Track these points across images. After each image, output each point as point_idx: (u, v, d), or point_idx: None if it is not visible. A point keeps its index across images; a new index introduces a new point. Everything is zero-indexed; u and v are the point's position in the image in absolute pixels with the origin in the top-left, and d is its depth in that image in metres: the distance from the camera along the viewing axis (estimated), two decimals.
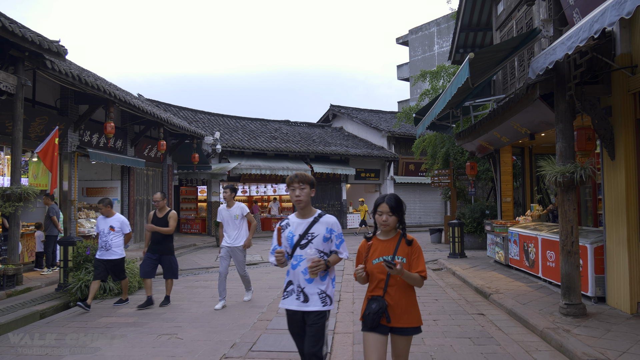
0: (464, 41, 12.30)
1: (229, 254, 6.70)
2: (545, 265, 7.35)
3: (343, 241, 3.14)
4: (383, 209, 2.88)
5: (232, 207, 6.69)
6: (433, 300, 6.95)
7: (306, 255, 2.98)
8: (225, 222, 6.72)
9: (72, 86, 10.15)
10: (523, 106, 6.43)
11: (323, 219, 3.13)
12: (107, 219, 6.90)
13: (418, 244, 2.92)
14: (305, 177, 3.09)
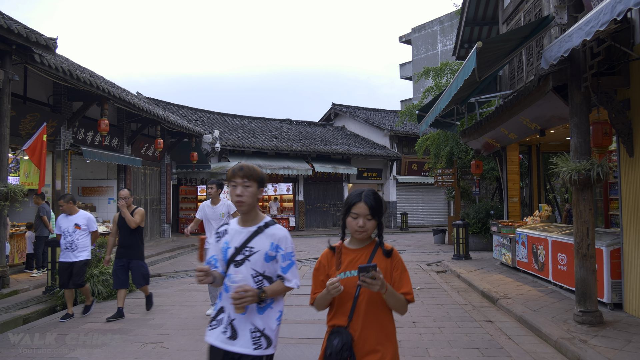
0: (469, 36, 11.92)
1: None
2: (556, 269, 6.96)
3: (293, 264, 2.31)
4: (360, 211, 2.11)
5: (217, 204, 6.08)
6: (437, 306, 6.57)
7: (234, 278, 2.21)
8: (207, 221, 6.04)
9: (63, 82, 9.82)
10: (534, 99, 6.05)
11: (269, 230, 2.31)
12: (69, 216, 6.20)
13: (400, 256, 2.20)
14: (251, 172, 2.34)
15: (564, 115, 5.86)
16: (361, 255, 2.16)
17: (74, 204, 6.28)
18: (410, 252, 13.65)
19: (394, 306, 2.09)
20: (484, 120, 8.39)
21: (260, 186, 2.35)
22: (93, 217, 6.44)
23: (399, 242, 16.88)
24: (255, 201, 2.34)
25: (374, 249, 2.18)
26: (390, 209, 24.04)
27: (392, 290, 2.04)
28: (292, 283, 2.31)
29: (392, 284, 2.09)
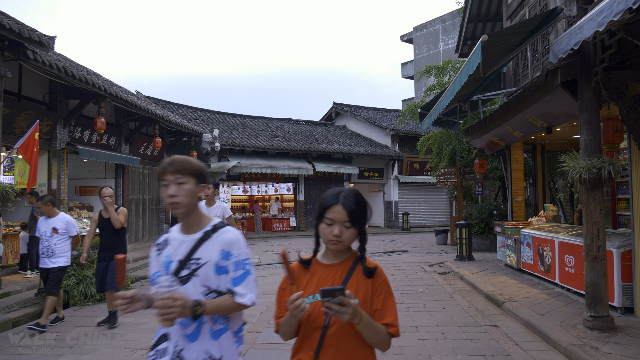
0: (472, 33, 11.69)
1: None
2: (563, 271, 6.74)
3: (248, 273, 1.88)
4: (336, 216, 1.68)
5: (212, 206, 5.64)
6: (441, 309, 6.36)
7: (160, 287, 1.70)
8: None
9: (58, 79, 9.64)
10: (541, 95, 5.83)
11: (218, 234, 1.89)
12: (49, 219, 5.77)
13: (385, 277, 1.74)
14: (185, 165, 1.86)
15: (573, 111, 5.64)
16: (336, 273, 1.73)
17: (53, 206, 5.85)
18: (412, 253, 13.43)
19: (371, 341, 1.64)
20: (488, 117, 8.17)
21: (200, 181, 1.91)
22: (73, 221, 5.97)
23: (400, 243, 16.67)
24: (195, 200, 1.90)
25: (353, 266, 1.74)
26: (392, 209, 23.82)
27: (369, 321, 1.60)
28: (245, 299, 1.82)
29: (372, 312, 1.67)
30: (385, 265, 10.78)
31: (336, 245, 1.70)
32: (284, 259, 1.76)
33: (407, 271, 9.80)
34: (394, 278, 8.92)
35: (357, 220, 1.69)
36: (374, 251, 13.92)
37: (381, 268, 1.76)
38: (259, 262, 11.60)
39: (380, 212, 24.48)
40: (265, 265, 11.14)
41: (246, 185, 23.72)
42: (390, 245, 15.62)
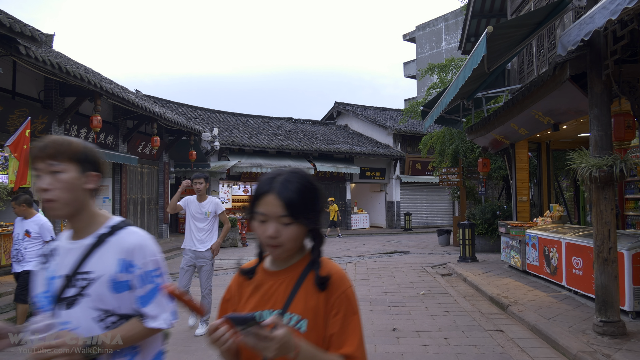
0: (476, 29, 11.45)
1: (192, 263, 5.33)
2: (571, 273, 6.50)
3: (157, 288, 1.45)
4: (269, 209, 1.25)
5: (204, 201, 5.38)
6: (443, 313, 6.12)
7: (35, 328, 1.30)
8: (191, 219, 5.32)
9: (53, 76, 9.44)
10: (548, 90, 5.60)
11: (116, 238, 1.45)
12: (24, 221, 5.31)
13: (347, 288, 1.29)
14: (61, 148, 1.40)
15: (582, 107, 5.41)
16: (281, 284, 1.29)
17: (29, 206, 5.33)
18: (414, 254, 13.20)
19: None
20: (493, 115, 7.93)
21: (85, 168, 1.43)
22: (49, 225, 5.39)
23: (402, 243, 16.43)
24: (81, 195, 1.42)
25: (303, 274, 1.29)
26: (394, 209, 23.57)
27: (313, 355, 1.15)
28: (158, 322, 1.43)
29: (327, 338, 1.24)
30: (386, 266, 10.56)
31: (274, 250, 1.25)
32: (177, 297, 1.32)
33: (409, 272, 9.57)
34: (396, 280, 8.69)
35: (300, 214, 1.23)
36: (375, 252, 13.70)
37: (341, 275, 1.29)
38: None
39: (382, 213, 24.24)
40: None
41: (247, 185, 23.50)
42: (392, 246, 15.39)
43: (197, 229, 5.30)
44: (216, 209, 5.41)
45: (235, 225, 15.62)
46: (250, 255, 13.01)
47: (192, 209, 5.34)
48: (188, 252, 5.35)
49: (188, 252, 5.35)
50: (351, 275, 9.18)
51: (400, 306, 6.49)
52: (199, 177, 5.33)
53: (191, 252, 5.32)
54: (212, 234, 5.37)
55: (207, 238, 5.31)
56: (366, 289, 7.69)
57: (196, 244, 5.28)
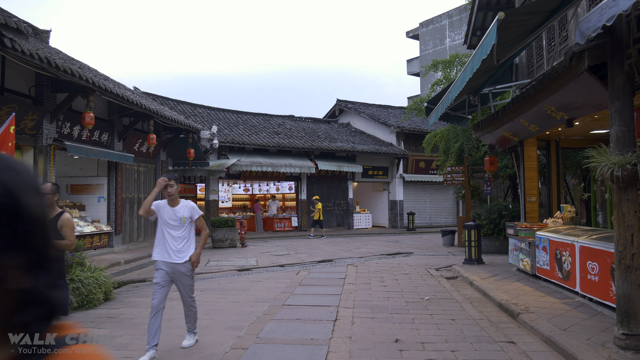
0: (482, 22, 11.03)
1: (168, 277, 4.60)
2: (585, 279, 6.09)
3: None
4: None
5: (177, 205, 4.70)
6: (449, 321, 5.73)
7: None
8: (164, 227, 4.61)
9: (42, 70, 9.11)
10: (564, 83, 5.19)
11: None
12: None
13: None
14: None
15: (600, 100, 5.01)
16: None
17: None
18: (417, 255, 12.80)
19: None
20: (501, 111, 7.52)
21: None
22: None
23: (405, 244, 16.04)
24: None
25: None
26: (397, 208, 23.17)
27: None
28: None
29: None
30: (389, 268, 10.17)
31: None
32: None
33: (413, 276, 9.19)
34: (399, 283, 8.30)
35: None
36: (377, 253, 13.31)
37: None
38: (255, 265, 11.02)
39: (385, 212, 23.84)
40: (261, 268, 10.56)
41: (247, 184, 23.17)
42: (394, 247, 14.99)
43: (172, 237, 4.60)
44: (192, 214, 4.76)
45: (234, 225, 15.27)
46: (249, 256, 12.64)
47: (165, 215, 4.64)
48: (162, 266, 4.60)
49: (162, 266, 4.60)
50: (352, 278, 8.80)
51: (403, 313, 6.11)
52: (170, 178, 4.66)
53: (166, 265, 4.59)
54: (190, 243, 4.72)
55: (185, 248, 4.64)
56: (368, 294, 7.31)
57: (172, 256, 4.58)
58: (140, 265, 11.14)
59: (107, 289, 7.12)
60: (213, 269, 10.39)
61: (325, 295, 7.26)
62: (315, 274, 9.40)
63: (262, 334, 5.18)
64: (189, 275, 4.69)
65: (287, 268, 10.49)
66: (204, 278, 9.16)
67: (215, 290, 7.83)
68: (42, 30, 14.68)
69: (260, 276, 9.33)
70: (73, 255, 7.00)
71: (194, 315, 4.82)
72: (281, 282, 8.41)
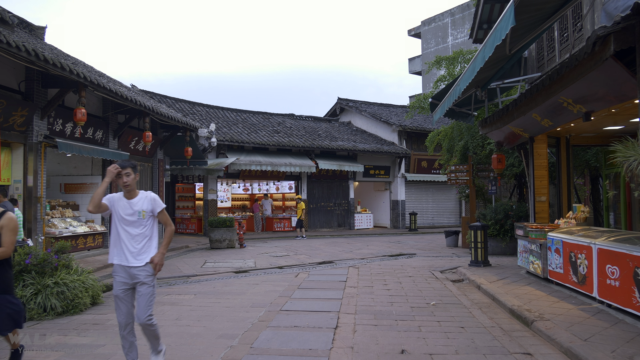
0: (489, 15, 10.62)
1: (129, 286, 3.84)
2: (604, 284, 5.69)
3: None
4: None
5: (134, 197, 3.91)
6: (458, 329, 5.33)
7: None
8: (120, 223, 3.86)
9: (31, 64, 8.74)
10: (584, 71, 4.78)
11: None
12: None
13: None
14: None
15: (625, 90, 4.61)
16: None
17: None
18: (420, 256, 12.41)
19: None
20: (512, 105, 7.12)
21: None
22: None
23: (408, 245, 15.64)
24: None
25: None
26: (399, 208, 22.77)
27: None
28: None
29: None
30: (392, 270, 9.78)
31: None
32: None
33: (417, 278, 8.79)
34: (403, 287, 7.91)
35: None
36: (379, 254, 12.92)
37: None
38: (253, 267, 10.62)
39: (387, 212, 23.44)
40: (259, 270, 10.17)
41: (246, 184, 22.78)
42: (397, 248, 14.60)
43: (130, 236, 3.84)
44: (153, 207, 3.95)
45: (232, 225, 14.88)
46: (247, 257, 12.26)
47: (120, 209, 3.87)
48: (119, 271, 3.85)
49: (119, 271, 3.85)
50: (354, 281, 8.41)
51: (408, 320, 5.71)
52: (125, 165, 3.88)
53: (123, 270, 3.83)
54: (152, 242, 3.94)
55: (145, 248, 3.87)
56: (370, 299, 6.91)
57: (129, 258, 3.82)
58: None
59: (95, 292, 6.73)
60: (209, 271, 10.00)
61: (325, 300, 6.87)
62: (315, 277, 9.01)
63: (256, 343, 4.79)
64: (148, 283, 3.85)
65: (286, 270, 10.10)
66: (198, 281, 8.77)
67: (209, 293, 7.44)
68: (37, 27, 14.33)
69: (258, 279, 8.93)
70: (59, 257, 6.62)
71: (154, 333, 3.93)
72: (279, 285, 8.02)
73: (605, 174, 9.30)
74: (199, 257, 12.45)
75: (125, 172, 3.84)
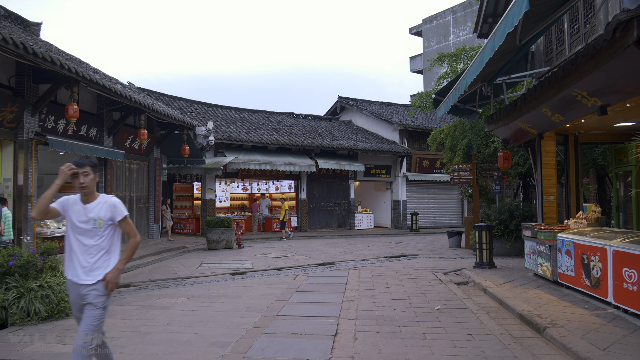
0: (494, 9, 10.28)
1: (78, 307, 3.29)
2: (620, 288, 5.37)
3: None
4: None
5: (92, 201, 3.32)
6: (466, 336, 5.01)
7: None
8: (73, 232, 3.29)
9: (20, 58, 8.44)
10: (602, 60, 4.46)
11: None
12: None
13: None
14: None
15: None
16: None
17: None
18: (423, 258, 12.08)
19: None
20: (520, 99, 6.79)
21: None
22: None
23: (409, 245, 15.31)
24: None
25: None
26: (400, 208, 22.45)
27: None
28: None
29: None
30: (394, 272, 9.45)
31: None
32: None
33: (420, 281, 8.46)
34: (405, 290, 7.58)
35: None
36: (380, 255, 12.59)
37: None
38: (250, 268, 10.30)
39: (388, 212, 23.12)
40: (257, 272, 9.85)
41: (245, 183, 22.46)
42: (398, 249, 14.27)
43: (83, 248, 3.26)
44: (113, 214, 3.32)
45: (230, 225, 14.56)
46: (245, 258, 11.93)
47: (74, 215, 3.29)
48: (70, 288, 3.30)
49: (70, 288, 3.30)
50: (354, 284, 8.08)
51: (412, 326, 5.39)
52: (82, 164, 3.30)
53: (74, 287, 3.26)
54: (109, 257, 3.31)
55: (100, 263, 3.26)
56: (371, 303, 6.59)
57: (80, 274, 3.23)
58: (129, 267, 10.43)
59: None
60: (205, 273, 9.68)
61: (324, 304, 6.54)
62: (314, 279, 8.69)
63: (250, 352, 4.46)
64: (97, 304, 3.19)
65: (284, 272, 9.78)
66: (193, 283, 8.44)
67: (203, 297, 7.11)
68: (32, 23, 14.03)
69: (255, 281, 8.61)
70: (45, 258, 6.30)
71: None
72: (277, 288, 7.70)
73: (616, 173, 8.97)
74: (196, 258, 12.13)
75: (82, 171, 3.26)
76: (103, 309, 3.23)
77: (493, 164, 13.21)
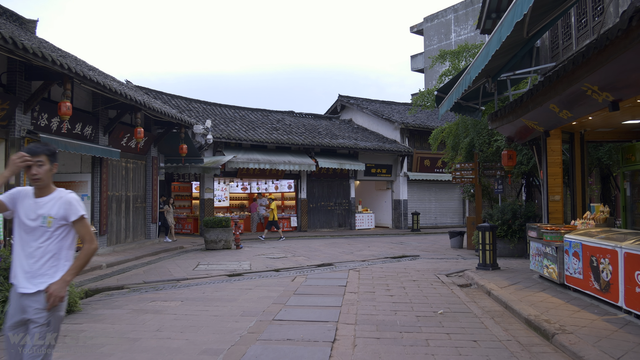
0: (497, 4, 10.04)
1: (16, 320, 2.75)
2: (632, 292, 5.12)
3: None
4: None
5: (46, 195, 2.85)
6: (471, 343, 4.76)
7: None
8: (21, 230, 2.82)
9: (10, 54, 8.20)
10: (616, 51, 4.21)
11: None
12: None
13: None
14: None
15: None
16: None
17: None
18: (424, 259, 11.83)
19: None
20: (526, 95, 6.55)
21: None
22: None
23: (411, 246, 15.06)
24: None
25: None
26: (401, 208, 22.20)
27: None
28: None
29: None
30: (395, 274, 9.21)
31: None
32: None
33: (421, 283, 8.22)
34: (407, 292, 7.34)
35: None
36: (381, 256, 12.35)
37: None
38: (248, 269, 10.06)
39: (388, 212, 22.88)
40: (254, 273, 9.61)
41: (245, 183, 22.21)
42: (399, 249, 14.03)
43: (28, 249, 2.78)
44: (67, 213, 2.83)
45: (228, 225, 14.32)
46: (242, 259, 11.70)
47: (22, 210, 2.81)
48: (13, 297, 2.82)
49: (13, 297, 2.82)
50: (354, 286, 7.84)
51: (414, 332, 5.15)
52: (37, 152, 2.81)
53: (14, 296, 2.79)
54: (58, 263, 2.82)
55: (46, 270, 2.77)
56: (372, 307, 6.35)
57: (21, 280, 2.75)
58: (124, 269, 10.21)
59: (72, 299, 6.17)
60: (201, 274, 9.44)
61: (322, 308, 6.30)
62: (313, 281, 8.45)
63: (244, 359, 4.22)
64: (38, 321, 2.69)
65: (282, 273, 9.54)
66: (188, 285, 8.21)
67: (197, 300, 6.87)
68: (28, 20, 13.81)
69: (252, 283, 8.37)
70: None
71: None
72: (274, 291, 7.46)
73: (622, 172, 8.72)
74: (192, 259, 11.89)
75: (36, 160, 2.77)
76: (47, 326, 2.71)
77: (496, 163, 12.97)
